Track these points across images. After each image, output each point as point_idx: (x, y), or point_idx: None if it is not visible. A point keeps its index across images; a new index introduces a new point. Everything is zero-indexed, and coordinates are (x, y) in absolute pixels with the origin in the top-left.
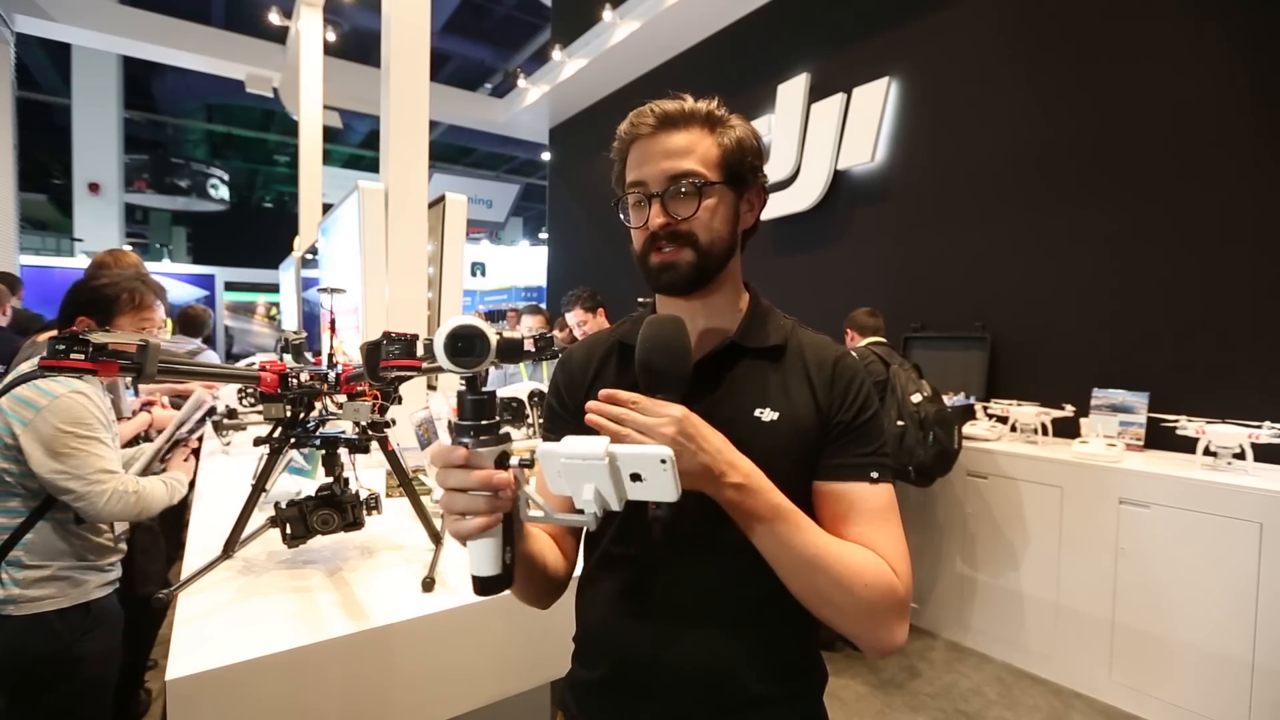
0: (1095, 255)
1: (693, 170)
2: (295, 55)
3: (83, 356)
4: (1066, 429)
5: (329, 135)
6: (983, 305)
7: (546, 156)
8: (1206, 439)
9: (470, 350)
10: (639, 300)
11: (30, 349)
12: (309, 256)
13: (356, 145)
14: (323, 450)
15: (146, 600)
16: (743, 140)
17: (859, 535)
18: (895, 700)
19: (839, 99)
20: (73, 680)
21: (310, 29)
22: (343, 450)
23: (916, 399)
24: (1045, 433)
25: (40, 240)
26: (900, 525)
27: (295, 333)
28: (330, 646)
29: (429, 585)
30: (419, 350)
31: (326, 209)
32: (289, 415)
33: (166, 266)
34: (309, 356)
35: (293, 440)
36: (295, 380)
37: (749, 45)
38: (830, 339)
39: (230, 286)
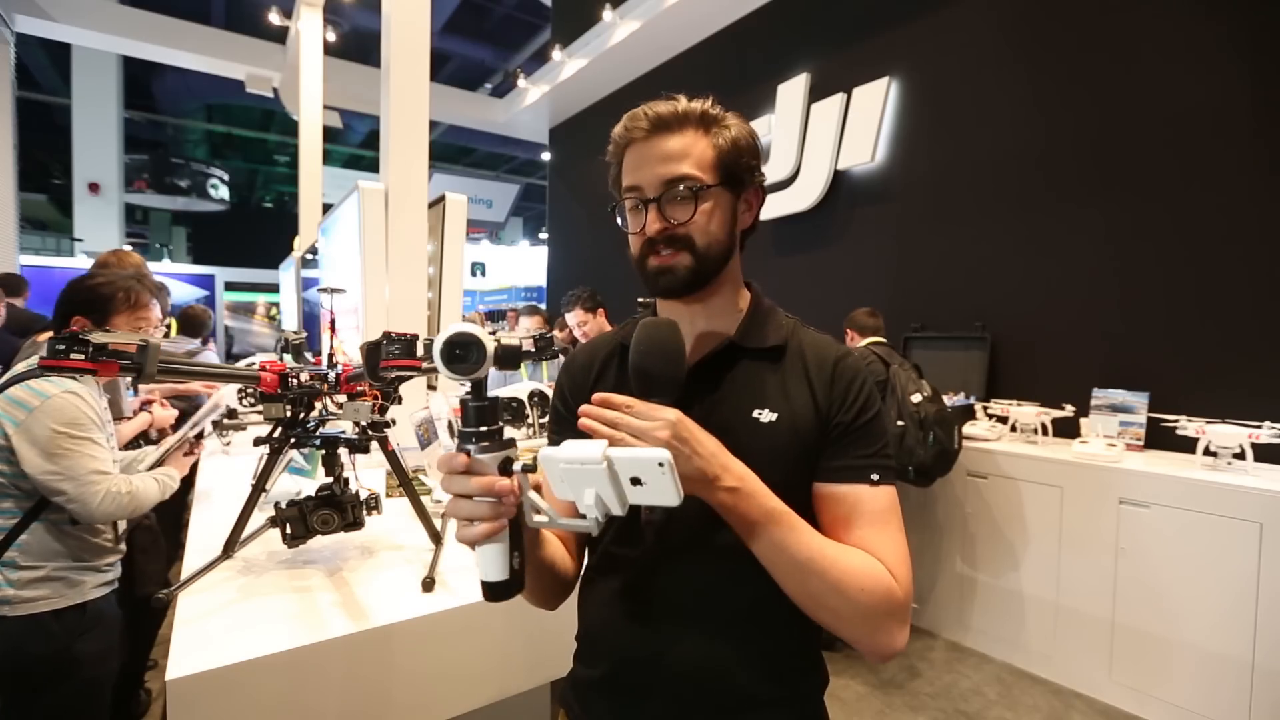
0: (1095, 255)
1: (688, 174)
2: (295, 55)
3: (83, 356)
4: (1066, 429)
5: (329, 135)
6: (983, 305)
7: (546, 156)
8: (1206, 439)
9: (467, 357)
10: (639, 300)
11: (30, 349)
12: (309, 256)
13: (356, 145)
14: (323, 450)
15: (146, 600)
16: (738, 140)
17: (859, 539)
18: (895, 700)
19: (839, 99)
20: (70, 681)
21: (310, 29)
22: (343, 450)
23: (916, 399)
24: (1045, 433)
25: (40, 240)
26: (901, 528)
27: (295, 333)
28: (330, 646)
29: (429, 585)
30: (419, 350)
31: (326, 209)
32: (289, 415)
33: (166, 266)
34: (309, 356)
35: (293, 440)
36: (295, 380)
37: (749, 45)
38: (832, 339)
39: (230, 286)
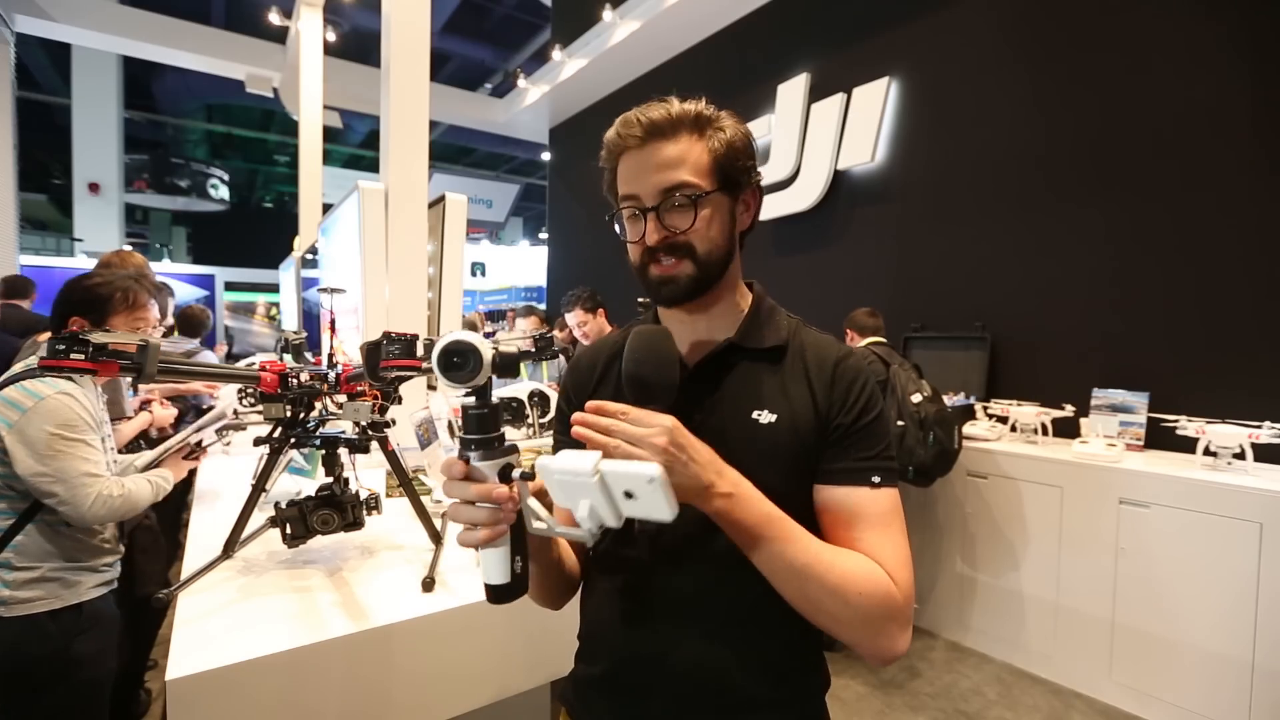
0: (1095, 255)
1: (686, 181)
2: (295, 55)
3: (83, 356)
4: (1066, 429)
5: (329, 135)
6: (983, 305)
7: (546, 156)
8: (1206, 439)
9: (464, 365)
10: (639, 301)
11: (30, 349)
12: (309, 256)
13: (356, 145)
14: (323, 450)
15: (146, 600)
16: (733, 142)
17: (860, 542)
18: (895, 700)
19: (839, 99)
20: (68, 681)
21: (310, 29)
22: (343, 450)
23: (916, 399)
24: (1045, 433)
25: (40, 240)
26: (903, 531)
27: (295, 333)
28: (330, 646)
29: (429, 585)
30: (419, 350)
31: (326, 209)
32: (289, 415)
33: (167, 266)
34: (309, 356)
35: (293, 440)
36: (295, 380)
37: (749, 45)
38: (834, 339)
39: (230, 286)
